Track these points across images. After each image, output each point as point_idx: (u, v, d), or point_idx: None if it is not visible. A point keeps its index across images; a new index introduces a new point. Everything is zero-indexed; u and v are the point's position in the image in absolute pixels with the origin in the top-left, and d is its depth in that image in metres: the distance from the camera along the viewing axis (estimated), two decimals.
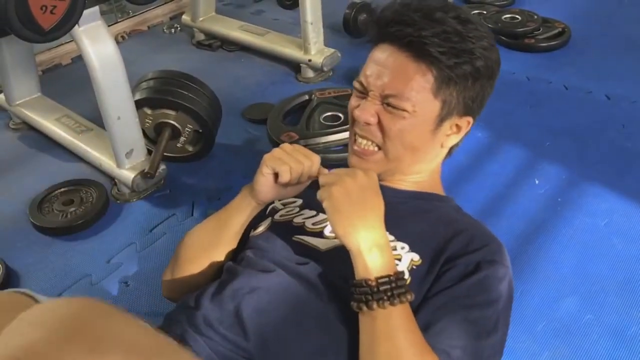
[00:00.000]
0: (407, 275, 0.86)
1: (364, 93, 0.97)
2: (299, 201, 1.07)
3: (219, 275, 0.98)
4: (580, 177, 1.68)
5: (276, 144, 1.82)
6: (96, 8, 1.45)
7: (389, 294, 0.78)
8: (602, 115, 1.96)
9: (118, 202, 1.69)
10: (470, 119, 0.99)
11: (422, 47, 0.89)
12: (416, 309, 0.84)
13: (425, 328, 0.81)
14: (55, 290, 1.41)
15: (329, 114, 1.93)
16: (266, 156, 0.95)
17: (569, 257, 1.42)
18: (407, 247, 0.90)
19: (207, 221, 1.07)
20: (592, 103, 2.04)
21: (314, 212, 1.02)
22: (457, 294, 0.85)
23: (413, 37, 0.89)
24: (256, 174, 0.95)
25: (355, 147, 1.00)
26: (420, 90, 0.91)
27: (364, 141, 0.98)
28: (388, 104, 0.93)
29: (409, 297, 0.79)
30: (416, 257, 0.89)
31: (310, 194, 0.95)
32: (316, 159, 0.94)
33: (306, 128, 1.87)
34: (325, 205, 0.82)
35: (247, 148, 1.93)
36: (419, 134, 0.96)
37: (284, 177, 0.92)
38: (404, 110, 0.92)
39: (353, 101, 1.00)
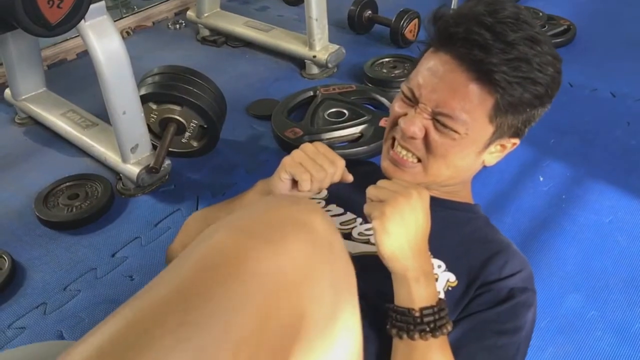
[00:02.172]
0: (442, 295, 0.84)
1: (413, 102, 0.91)
2: (324, 192, 1.01)
3: None
4: (584, 174, 1.68)
5: (280, 140, 1.82)
6: (102, 3, 1.45)
7: (431, 325, 0.76)
8: (607, 113, 1.96)
9: (123, 196, 1.70)
10: (517, 141, 0.95)
11: (489, 74, 0.83)
12: None
13: (455, 349, 0.79)
14: (61, 283, 1.42)
15: (334, 110, 1.94)
16: (286, 160, 0.88)
17: (573, 254, 1.42)
18: (443, 265, 0.88)
19: (217, 207, 1.02)
20: (597, 101, 2.04)
21: (341, 210, 0.98)
22: (488, 318, 0.83)
23: (483, 64, 0.83)
24: (273, 176, 0.90)
25: (393, 154, 0.95)
26: (476, 115, 0.86)
27: (404, 151, 0.93)
28: (438, 121, 0.88)
29: (449, 327, 0.77)
30: (452, 277, 0.87)
31: (337, 187, 0.91)
32: (340, 164, 0.89)
33: (310, 124, 1.87)
34: (374, 224, 0.78)
35: (252, 144, 1.93)
36: (464, 155, 0.91)
37: (304, 187, 0.86)
38: (455, 131, 0.87)
39: (398, 106, 0.94)
